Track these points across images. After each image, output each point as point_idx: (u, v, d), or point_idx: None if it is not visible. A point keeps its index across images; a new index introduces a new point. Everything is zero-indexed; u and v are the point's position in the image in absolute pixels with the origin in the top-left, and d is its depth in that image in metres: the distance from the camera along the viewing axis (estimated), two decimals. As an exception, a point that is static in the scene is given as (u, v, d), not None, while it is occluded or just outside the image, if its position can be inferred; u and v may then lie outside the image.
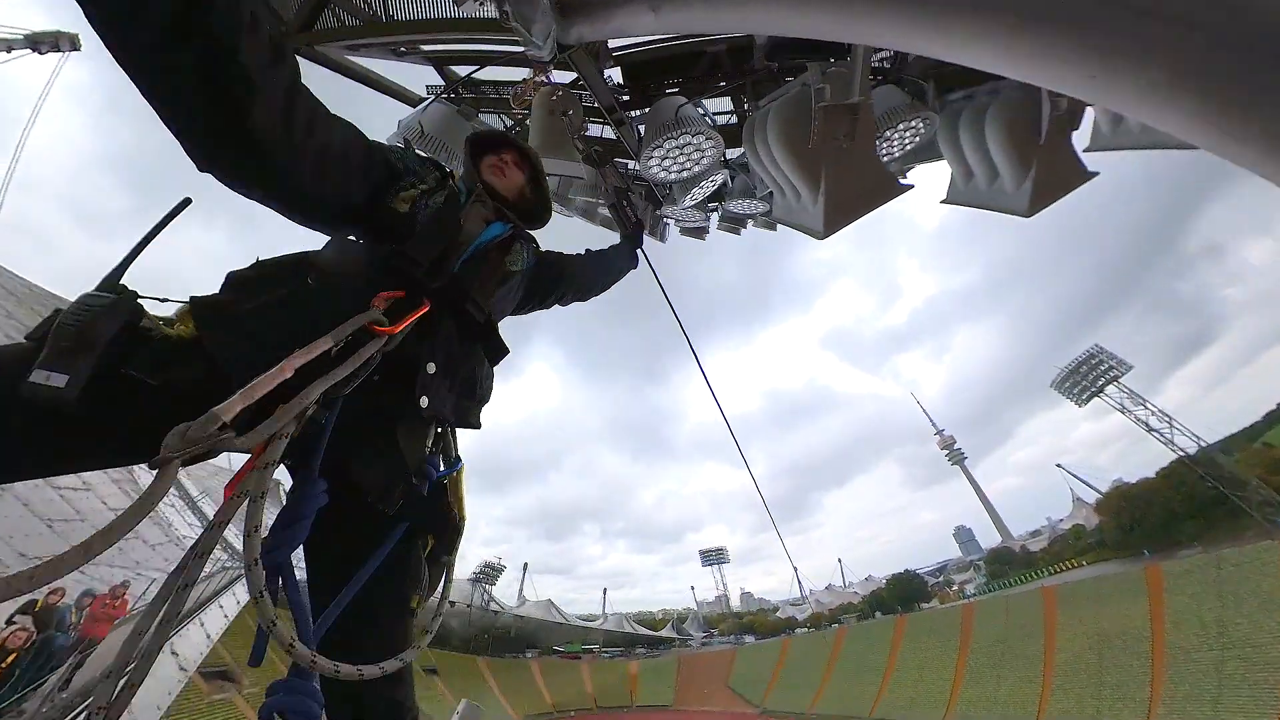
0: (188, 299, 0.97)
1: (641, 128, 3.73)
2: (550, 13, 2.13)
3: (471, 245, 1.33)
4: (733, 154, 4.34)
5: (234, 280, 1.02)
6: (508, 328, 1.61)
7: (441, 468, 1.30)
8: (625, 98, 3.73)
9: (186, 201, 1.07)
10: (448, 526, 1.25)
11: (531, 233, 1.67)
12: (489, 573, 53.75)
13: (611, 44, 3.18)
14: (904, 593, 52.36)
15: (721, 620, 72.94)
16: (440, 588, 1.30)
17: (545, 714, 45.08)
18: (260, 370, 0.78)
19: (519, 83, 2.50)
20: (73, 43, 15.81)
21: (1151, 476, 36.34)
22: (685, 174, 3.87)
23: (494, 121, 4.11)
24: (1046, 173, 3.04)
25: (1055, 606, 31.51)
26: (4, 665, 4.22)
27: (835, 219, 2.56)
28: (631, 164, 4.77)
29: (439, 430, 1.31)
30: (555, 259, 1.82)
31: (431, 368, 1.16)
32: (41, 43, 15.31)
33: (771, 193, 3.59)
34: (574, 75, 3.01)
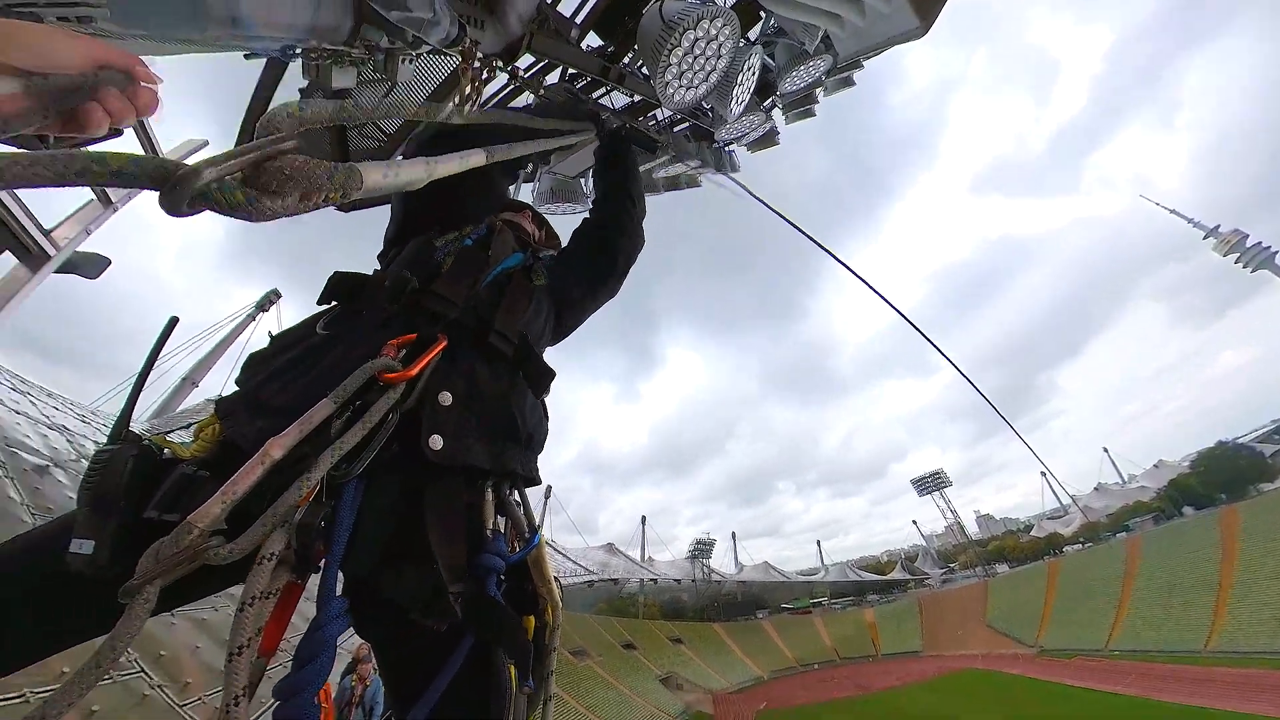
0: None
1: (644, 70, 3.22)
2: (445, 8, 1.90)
3: (496, 268, 1.22)
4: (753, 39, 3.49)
5: (251, 360, 0.98)
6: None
7: (513, 549, 1.02)
8: (612, 49, 3.25)
9: (173, 321, 0.99)
10: (516, 640, 0.89)
11: None
12: (702, 548, 57.09)
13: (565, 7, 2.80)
14: (1226, 473, 39.34)
15: (961, 552, 65.43)
16: None
17: (789, 669, 46.01)
18: None
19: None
20: (278, 293, 23.48)
21: None
22: (715, 77, 3.12)
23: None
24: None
25: None
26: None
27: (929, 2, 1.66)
28: (664, 114, 4.19)
29: (496, 498, 1.01)
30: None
31: (446, 398, 0.92)
32: (263, 307, 23.36)
33: (826, 36, 2.64)
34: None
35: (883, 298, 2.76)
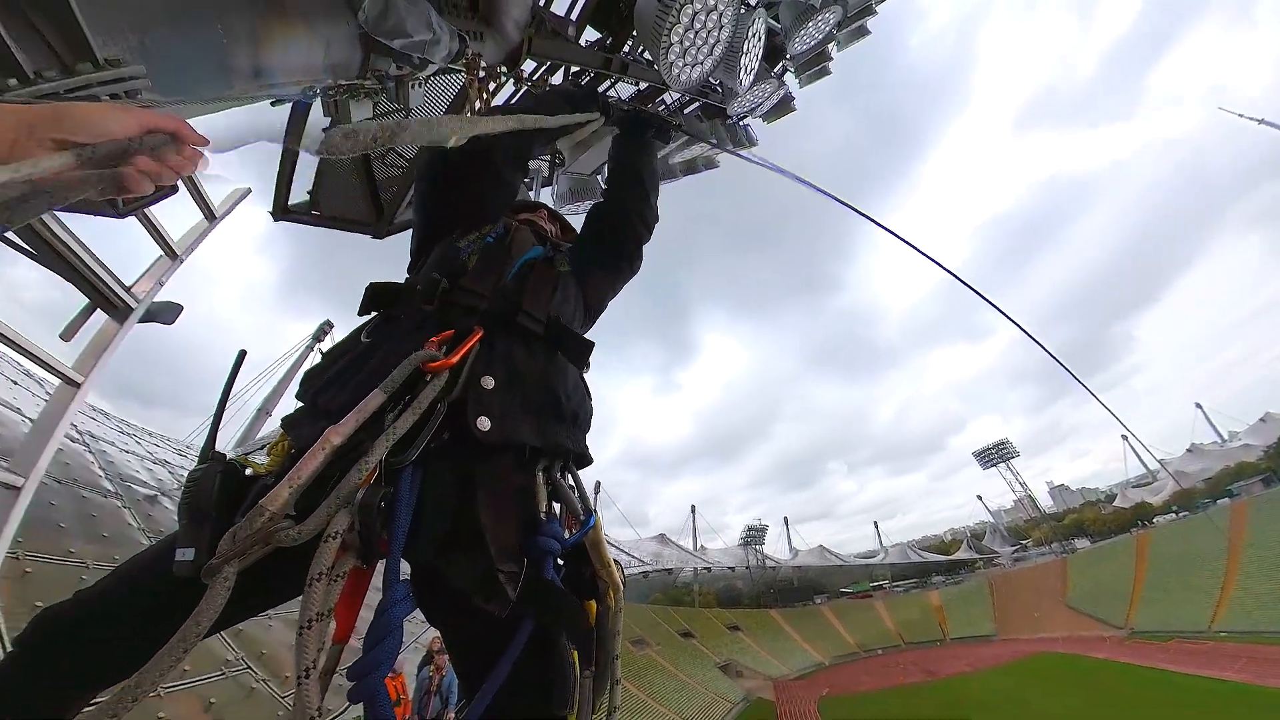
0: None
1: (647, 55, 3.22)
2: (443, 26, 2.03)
3: (519, 260, 1.27)
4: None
5: (307, 375, 1.06)
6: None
7: (568, 532, 1.01)
8: (611, 40, 3.25)
9: (242, 354, 1.11)
10: (577, 624, 0.90)
11: None
12: (754, 534, 56.42)
13: (559, 6, 2.86)
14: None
15: (1033, 527, 61.40)
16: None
17: (851, 655, 44.90)
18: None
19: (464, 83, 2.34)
20: (330, 323, 25.29)
21: None
22: (719, 49, 3.05)
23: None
24: None
25: None
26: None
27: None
28: (672, 97, 4.15)
29: (549, 481, 1.02)
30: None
31: (489, 382, 0.96)
32: (319, 337, 25.18)
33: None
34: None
35: (929, 257, 2.57)
